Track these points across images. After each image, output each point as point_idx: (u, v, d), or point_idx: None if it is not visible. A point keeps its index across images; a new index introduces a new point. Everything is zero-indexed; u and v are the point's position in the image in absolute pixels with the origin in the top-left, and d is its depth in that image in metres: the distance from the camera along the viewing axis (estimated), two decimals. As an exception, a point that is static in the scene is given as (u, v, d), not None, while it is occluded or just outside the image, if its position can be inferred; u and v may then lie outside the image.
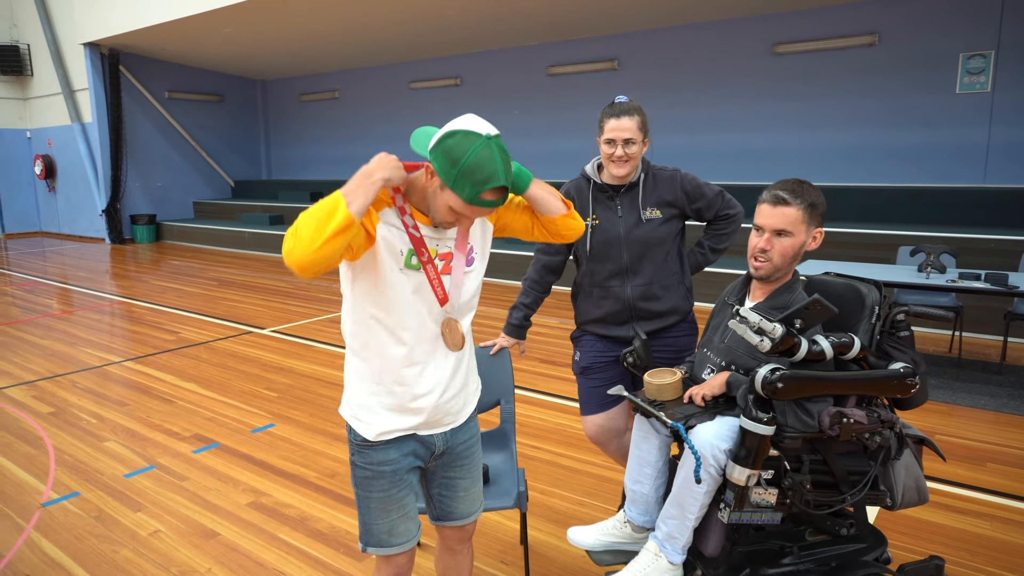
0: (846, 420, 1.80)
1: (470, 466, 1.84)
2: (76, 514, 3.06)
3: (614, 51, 10.24)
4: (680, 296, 2.49)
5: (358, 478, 1.71)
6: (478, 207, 1.46)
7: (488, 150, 1.42)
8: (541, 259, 2.58)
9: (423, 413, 1.68)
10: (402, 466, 1.70)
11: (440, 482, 1.83)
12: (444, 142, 1.45)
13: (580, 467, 3.43)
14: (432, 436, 1.74)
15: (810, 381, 1.77)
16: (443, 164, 1.44)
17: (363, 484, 1.70)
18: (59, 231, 14.95)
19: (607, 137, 2.32)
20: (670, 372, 2.11)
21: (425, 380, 1.67)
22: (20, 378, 5.06)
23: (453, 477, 1.82)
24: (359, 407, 1.69)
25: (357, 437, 1.69)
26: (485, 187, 1.42)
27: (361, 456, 1.69)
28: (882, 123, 8.23)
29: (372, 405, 1.67)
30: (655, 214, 2.40)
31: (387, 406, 1.66)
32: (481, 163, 1.41)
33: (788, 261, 1.98)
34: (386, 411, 1.67)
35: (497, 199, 1.46)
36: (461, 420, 1.79)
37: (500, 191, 1.46)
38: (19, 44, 14.24)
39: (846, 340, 1.81)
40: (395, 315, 1.61)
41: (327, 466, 3.50)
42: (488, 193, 1.44)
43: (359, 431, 1.69)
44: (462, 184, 1.42)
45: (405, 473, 1.71)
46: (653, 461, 2.13)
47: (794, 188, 1.96)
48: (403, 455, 1.70)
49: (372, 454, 1.68)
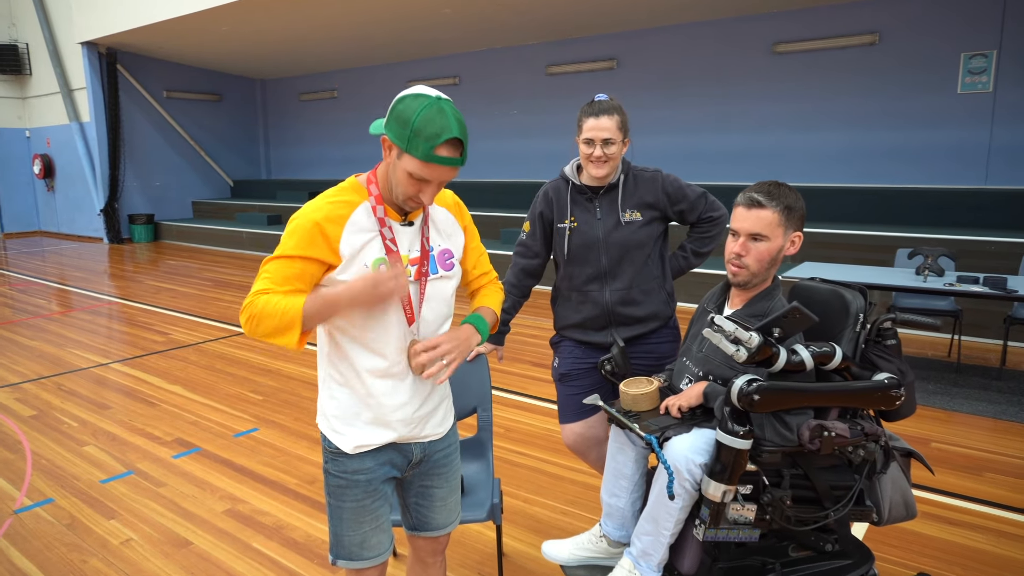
0: (827, 433, 1.73)
1: (447, 475, 1.78)
2: (48, 521, 2.99)
3: (613, 50, 10.15)
4: (661, 301, 2.41)
5: (331, 487, 1.65)
6: (435, 165, 1.41)
7: (437, 107, 1.39)
8: (519, 262, 2.51)
9: (400, 426, 1.62)
10: (377, 476, 1.64)
11: (417, 491, 1.76)
12: (395, 108, 1.43)
13: (564, 474, 3.36)
14: (410, 445, 1.68)
15: (789, 393, 1.70)
16: (396, 129, 1.41)
17: (336, 493, 1.64)
18: (58, 230, 14.93)
19: (585, 137, 2.24)
20: (647, 381, 2.04)
21: (401, 392, 1.61)
22: (5, 380, 5.00)
23: (430, 486, 1.76)
24: (335, 418, 1.63)
25: (331, 445, 1.63)
26: (438, 141, 1.38)
27: (335, 464, 1.63)
28: (882, 123, 8.13)
29: (347, 417, 1.61)
30: (635, 216, 2.32)
31: (364, 419, 1.61)
32: (431, 118, 1.38)
33: (765, 266, 1.90)
34: (363, 424, 1.61)
35: (453, 155, 1.41)
36: (441, 432, 1.73)
37: (455, 145, 1.41)
38: (18, 43, 14.22)
39: (827, 350, 1.73)
40: (366, 329, 1.56)
41: (307, 472, 3.43)
42: (442, 148, 1.39)
43: (335, 442, 1.63)
44: (416, 143, 1.39)
45: (380, 483, 1.65)
46: (629, 474, 2.05)
47: (769, 190, 1.88)
48: (379, 464, 1.64)
49: (346, 463, 1.62)
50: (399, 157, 1.43)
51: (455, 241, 1.70)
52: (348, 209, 1.51)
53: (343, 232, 1.49)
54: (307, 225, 1.47)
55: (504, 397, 4.48)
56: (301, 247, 1.47)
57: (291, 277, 1.48)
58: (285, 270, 1.48)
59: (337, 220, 1.49)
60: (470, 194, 11.26)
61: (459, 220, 1.73)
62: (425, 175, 1.42)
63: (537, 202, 2.45)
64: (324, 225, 1.47)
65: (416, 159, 1.40)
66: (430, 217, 1.64)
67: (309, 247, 1.47)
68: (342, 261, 1.49)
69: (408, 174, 1.43)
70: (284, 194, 13.68)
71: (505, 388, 4.64)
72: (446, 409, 1.76)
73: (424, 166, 1.41)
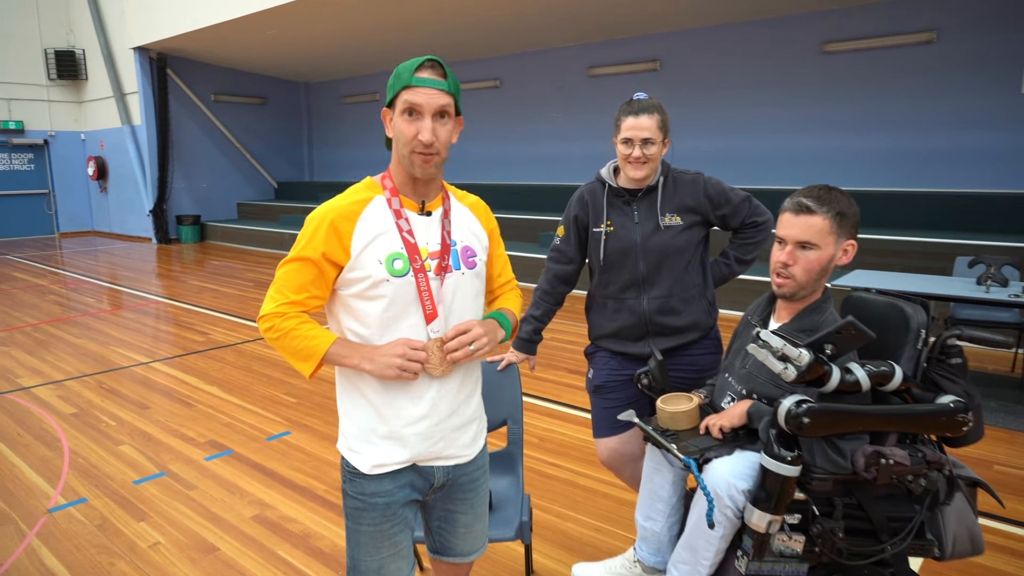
0: (884, 461, 1.58)
1: (473, 501, 1.67)
2: (80, 522, 3.00)
3: (656, 51, 9.96)
4: (701, 310, 2.28)
5: (349, 509, 1.57)
6: (419, 87, 1.41)
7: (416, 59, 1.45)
8: (552, 268, 2.40)
9: (418, 441, 1.53)
10: (397, 499, 1.55)
11: (440, 514, 1.67)
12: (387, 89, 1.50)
13: (599, 488, 3.23)
14: (431, 468, 1.58)
15: (842, 416, 1.56)
16: (386, 93, 1.47)
17: (353, 516, 1.56)
18: (110, 230, 15.36)
19: (624, 136, 2.13)
20: (686, 398, 1.91)
21: (420, 403, 1.51)
22: (50, 377, 5.10)
23: (453, 511, 1.66)
24: (352, 437, 1.56)
25: (349, 465, 1.56)
26: (415, 65, 1.42)
27: (353, 485, 1.55)
28: (939, 125, 7.77)
29: (363, 434, 1.54)
30: (675, 220, 2.19)
31: (380, 434, 1.52)
32: (408, 62, 1.44)
33: (814, 277, 1.75)
34: (379, 439, 1.52)
35: (436, 76, 1.42)
36: (468, 455, 1.62)
37: (433, 66, 1.43)
38: (75, 49, 14.69)
39: (885, 369, 1.59)
40: (381, 332, 1.48)
41: (337, 478, 3.38)
42: (422, 71, 1.42)
43: (352, 462, 1.55)
44: (398, 81, 1.43)
45: (400, 507, 1.56)
46: (666, 496, 1.93)
47: (820, 195, 1.74)
48: (398, 487, 1.55)
49: (365, 484, 1.54)
50: (392, 113, 1.46)
51: (479, 241, 1.62)
52: (361, 205, 1.48)
53: (355, 227, 1.46)
54: (320, 222, 1.45)
55: (538, 405, 4.37)
56: (314, 246, 1.45)
57: (306, 284, 1.46)
58: (300, 276, 1.46)
59: (350, 216, 1.46)
60: (509, 197, 11.20)
61: (484, 224, 1.65)
62: (413, 101, 1.41)
63: (572, 205, 2.35)
64: (337, 222, 1.45)
65: (402, 92, 1.42)
66: (451, 211, 1.57)
67: (322, 244, 1.44)
68: (351, 258, 1.45)
69: (401, 115, 1.43)
70: (326, 196, 13.70)
71: (539, 396, 4.53)
72: (476, 431, 1.65)
73: (409, 91, 1.41)
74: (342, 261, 1.45)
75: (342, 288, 1.49)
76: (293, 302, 1.47)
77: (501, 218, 10.28)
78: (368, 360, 1.44)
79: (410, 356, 1.43)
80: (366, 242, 1.45)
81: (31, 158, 14.78)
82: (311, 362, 1.46)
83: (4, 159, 14.41)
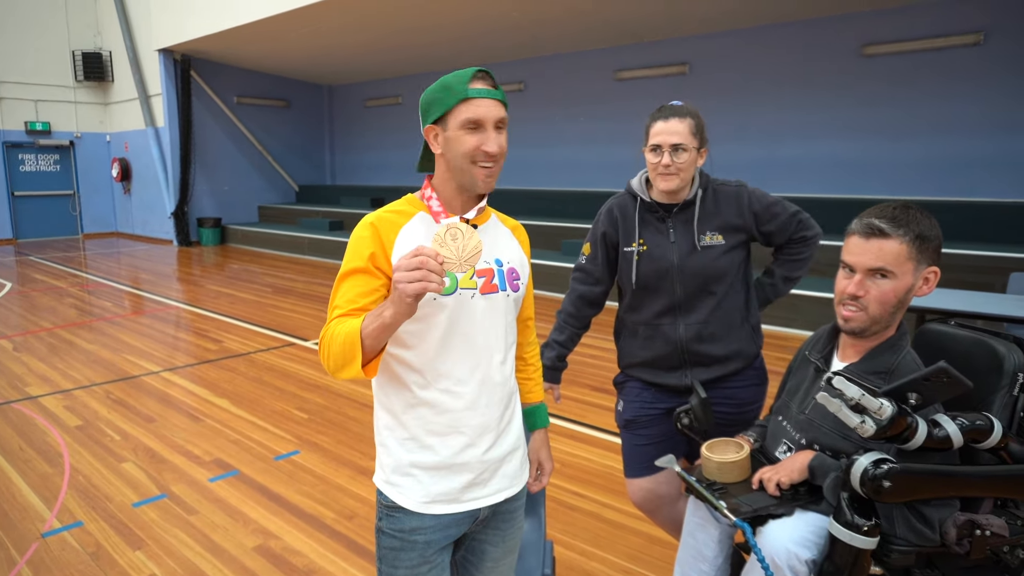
0: (979, 532, 1.33)
1: (507, 533, 1.53)
2: (73, 549, 2.82)
3: (685, 54, 9.68)
4: (745, 336, 2.04)
5: (384, 550, 1.43)
6: (478, 98, 1.35)
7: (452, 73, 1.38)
8: (577, 289, 2.17)
9: (469, 469, 1.40)
10: (437, 538, 1.40)
11: (468, 544, 1.52)
12: (421, 102, 1.43)
13: (626, 523, 2.99)
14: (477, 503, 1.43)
15: (930, 478, 1.31)
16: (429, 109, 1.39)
17: (388, 558, 1.42)
18: (132, 232, 15.40)
19: (653, 143, 1.90)
20: (735, 445, 1.67)
21: (468, 428, 1.39)
22: (58, 385, 4.97)
23: (483, 542, 1.51)
24: (391, 471, 1.41)
25: (388, 500, 1.41)
26: (467, 78, 1.35)
27: (390, 522, 1.41)
28: (986, 131, 7.39)
29: (404, 467, 1.40)
30: (716, 240, 1.95)
31: (423, 466, 1.39)
32: (449, 77, 1.37)
33: (889, 311, 1.50)
34: (422, 472, 1.39)
35: (490, 86, 1.37)
36: (515, 488, 1.50)
37: (485, 77, 1.37)
38: (102, 51, 14.77)
39: (982, 423, 1.34)
40: (428, 356, 1.37)
41: (346, 505, 3.17)
42: (476, 82, 1.35)
43: (391, 496, 1.41)
44: (448, 96, 1.35)
45: (439, 549, 1.42)
46: (711, 556, 1.68)
47: (895, 215, 1.49)
48: (441, 525, 1.40)
49: (404, 519, 1.40)
50: (445, 128, 1.37)
51: (523, 267, 1.51)
52: (404, 217, 1.42)
53: (396, 239, 1.39)
54: (364, 230, 1.40)
55: (559, 426, 4.13)
56: (361, 254, 1.37)
57: (356, 296, 1.35)
58: (352, 290, 1.36)
59: (392, 226, 1.40)
60: (532, 203, 10.97)
61: (522, 246, 1.55)
62: (475, 114, 1.34)
63: (600, 221, 2.11)
64: (380, 226, 1.39)
65: (459, 105, 1.35)
66: (496, 231, 1.50)
67: (368, 250, 1.37)
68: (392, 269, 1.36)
69: (460, 128, 1.35)
70: (347, 200, 13.70)
71: (560, 415, 4.29)
72: (521, 460, 1.53)
73: (468, 103, 1.34)
74: (387, 268, 1.37)
75: None
76: (348, 314, 1.33)
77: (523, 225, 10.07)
78: (390, 304, 1.21)
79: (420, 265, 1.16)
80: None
81: (57, 159, 14.87)
82: (355, 354, 1.24)
83: (31, 160, 14.51)
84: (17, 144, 14.17)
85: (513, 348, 1.51)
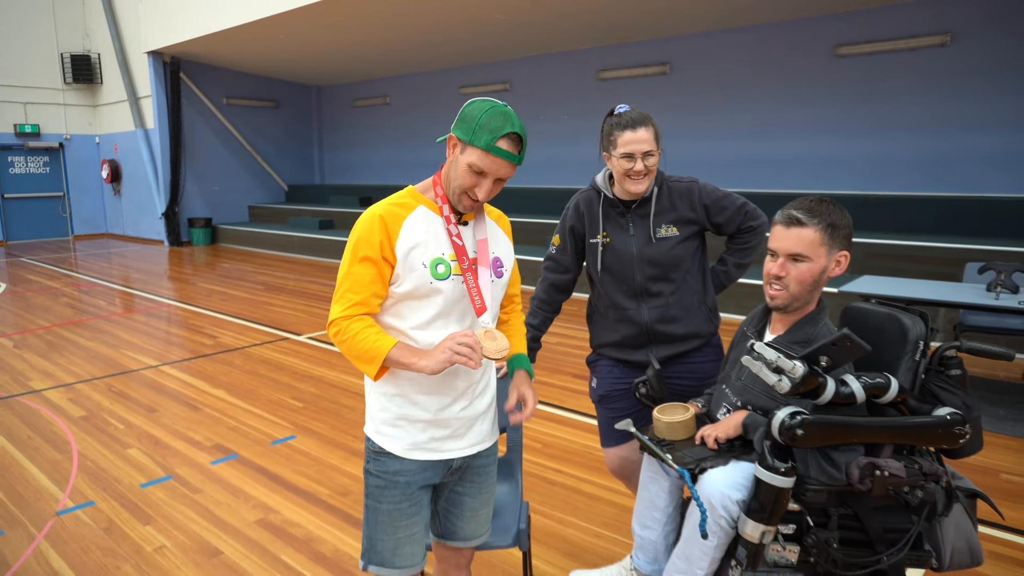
0: (879, 473, 1.57)
1: (481, 485, 1.77)
2: (87, 525, 3.03)
3: (667, 55, 9.94)
4: (702, 317, 2.28)
5: (371, 488, 1.68)
6: (496, 156, 1.49)
7: (503, 110, 1.50)
8: (549, 277, 2.41)
9: (448, 424, 1.64)
10: (416, 479, 1.66)
11: (448, 496, 1.76)
12: (464, 110, 1.54)
13: (602, 495, 3.23)
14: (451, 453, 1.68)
15: (836, 428, 1.55)
16: (463, 126, 1.52)
17: (374, 494, 1.67)
18: (123, 233, 15.51)
19: (624, 151, 2.12)
20: (682, 408, 1.91)
21: (451, 389, 1.64)
22: (61, 380, 5.16)
23: (462, 493, 1.76)
24: (381, 422, 1.66)
25: (375, 445, 1.67)
26: (500, 133, 1.48)
27: (377, 464, 1.67)
28: (953, 129, 7.70)
29: (394, 419, 1.65)
30: (671, 232, 2.19)
31: (410, 419, 1.63)
32: (496, 115, 1.49)
33: (807, 289, 1.75)
34: (408, 424, 1.64)
35: (513, 151, 1.50)
36: (488, 443, 1.75)
37: (515, 141, 1.50)
38: (90, 53, 14.86)
39: (881, 381, 1.58)
40: (424, 331, 1.59)
41: (341, 484, 3.40)
42: (504, 141, 1.48)
43: (379, 443, 1.66)
44: (479, 134, 1.48)
45: (418, 488, 1.67)
46: (662, 505, 1.93)
47: (811, 207, 1.74)
48: (420, 468, 1.66)
49: (388, 462, 1.65)
50: (462, 152, 1.52)
51: (506, 254, 1.73)
52: (406, 210, 1.58)
53: (400, 230, 1.55)
54: (371, 221, 1.55)
55: (542, 410, 4.37)
56: (370, 243, 1.54)
57: (367, 283, 1.55)
58: (361, 277, 1.55)
59: (396, 217, 1.56)
60: (520, 200, 11.21)
61: (506, 234, 1.78)
62: (484, 166, 1.50)
63: (568, 215, 2.35)
64: (386, 217, 1.55)
65: (478, 149, 1.49)
66: (484, 223, 1.68)
67: (376, 239, 1.53)
68: (397, 262, 1.55)
69: (468, 166, 1.51)
70: (337, 199, 13.88)
71: (544, 401, 4.53)
72: (492, 420, 1.77)
73: (484, 155, 1.49)
74: (392, 259, 1.54)
75: (392, 287, 1.58)
76: (357, 303, 1.55)
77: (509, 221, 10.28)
78: (424, 357, 1.51)
79: (460, 341, 1.48)
80: (410, 246, 1.55)
81: (46, 161, 14.96)
82: (375, 364, 1.52)
83: (20, 162, 14.59)
84: (6, 147, 14.26)
85: (494, 323, 1.72)
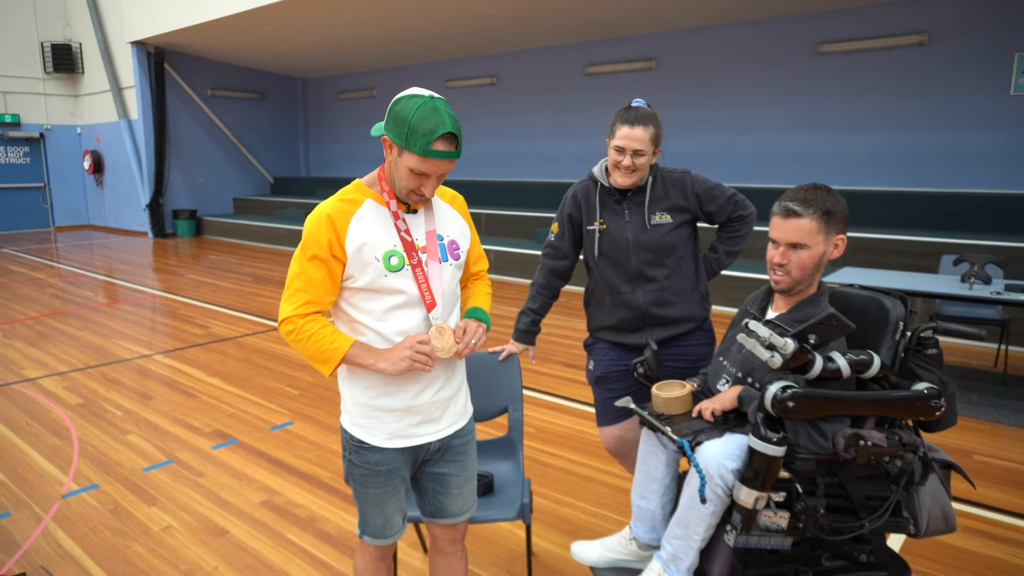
0: (863, 443, 1.70)
1: (464, 463, 1.85)
2: (93, 506, 3.10)
3: (652, 50, 10.07)
4: (695, 302, 2.40)
5: (357, 475, 1.76)
6: (434, 159, 1.51)
7: (431, 105, 1.49)
8: (547, 263, 2.52)
9: (423, 410, 1.71)
10: (398, 465, 1.74)
11: (434, 476, 1.84)
12: (392, 109, 1.53)
13: (596, 476, 3.35)
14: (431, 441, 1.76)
15: (824, 400, 1.68)
16: (394, 128, 1.52)
17: (360, 481, 1.75)
18: (106, 224, 15.38)
19: (617, 144, 2.24)
20: (679, 385, 2.03)
21: (418, 379, 1.69)
22: (54, 369, 5.19)
23: (446, 473, 1.83)
24: (358, 415, 1.72)
25: (354, 439, 1.73)
26: (434, 136, 1.48)
27: (358, 455, 1.74)
28: (931, 126, 7.91)
29: (369, 411, 1.71)
30: (664, 219, 2.31)
31: (385, 409, 1.70)
32: (426, 116, 1.48)
33: (808, 273, 1.87)
34: (384, 414, 1.70)
35: (449, 149, 1.51)
36: (463, 422, 1.83)
37: (450, 139, 1.51)
38: (72, 43, 14.68)
39: (864, 358, 1.71)
40: (384, 322, 1.65)
41: (340, 466, 3.46)
42: (439, 143, 1.49)
43: (357, 435, 1.72)
44: (413, 140, 1.49)
45: (400, 472, 1.76)
46: (660, 477, 2.04)
47: (806, 197, 1.85)
48: (399, 455, 1.74)
49: (369, 454, 1.72)
50: (400, 155, 1.54)
51: (462, 235, 1.78)
52: (354, 206, 1.62)
53: (349, 226, 1.59)
54: (319, 220, 1.59)
55: (536, 397, 4.49)
56: (319, 242, 1.58)
57: (317, 282, 1.60)
58: (311, 276, 1.60)
59: (343, 215, 1.60)
60: (506, 194, 11.30)
61: (461, 215, 1.81)
62: (425, 169, 1.52)
63: (566, 203, 2.46)
64: (334, 216, 1.59)
65: (415, 155, 1.50)
66: (435, 208, 1.73)
67: (325, 239, 1.57)
68: (347, 255, 1.59)
69: (409, 170, 1.53)
70: (323, 191, 13.87)
71: (537, 388, 4.65)
72: (464, 399, 1.84)
73: (423, 160, 1.51)
74: (342, 257, 1.59)
75: (347, 283, 1.63)
76: (308, 302, 1.61)
77: (497, 215, 10.41)
78: (382, 359, 1.60)
79: (418, 349, 1.58)
80: (361, 242, 1.59)
81: (27, 151, 14.78)
82: (331, 364, 1.60)
83: (0, 152, 14.41)
84: (-14, 136, 14.08)
85: (457, 306, 1.79)
